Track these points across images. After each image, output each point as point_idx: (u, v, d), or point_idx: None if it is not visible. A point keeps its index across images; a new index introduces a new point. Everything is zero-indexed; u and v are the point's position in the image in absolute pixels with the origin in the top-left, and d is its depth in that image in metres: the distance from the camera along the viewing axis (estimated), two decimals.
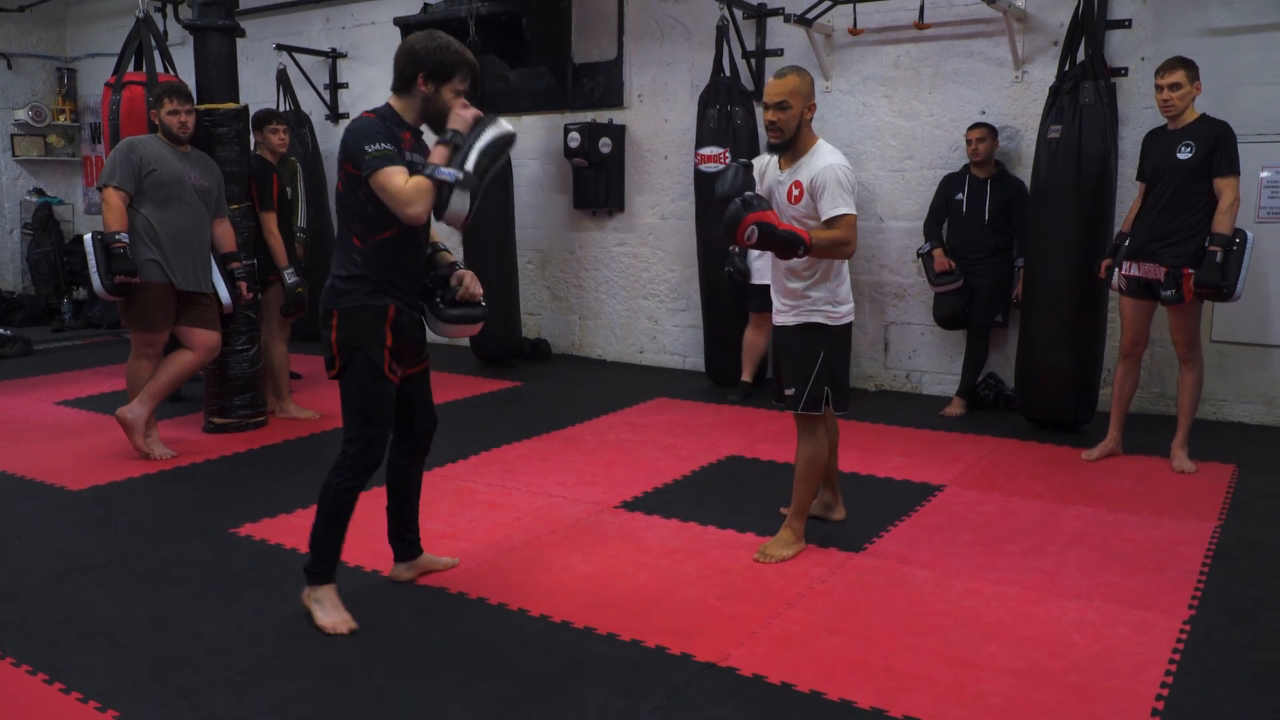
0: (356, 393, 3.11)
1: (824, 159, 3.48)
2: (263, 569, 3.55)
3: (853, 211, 3.43)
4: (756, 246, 3.33)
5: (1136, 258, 4.71)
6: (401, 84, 3.09)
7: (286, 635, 3.06)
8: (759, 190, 3.57)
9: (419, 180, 2.93)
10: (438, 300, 3.25)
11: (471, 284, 3.26)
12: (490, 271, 7.22)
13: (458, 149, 2.98)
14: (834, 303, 3.57)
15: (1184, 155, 4.54)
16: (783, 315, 3.66)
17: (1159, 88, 4.58)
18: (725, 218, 3.33)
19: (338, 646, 2.97)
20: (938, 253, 5.92)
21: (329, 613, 3.10)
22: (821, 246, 3.38)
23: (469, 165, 2.95)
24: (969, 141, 5.84)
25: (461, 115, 3.02)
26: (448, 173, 2.93)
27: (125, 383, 5.03)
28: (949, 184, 5.98)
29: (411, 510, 3.44)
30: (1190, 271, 4.50)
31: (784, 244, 3.32)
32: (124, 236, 4.69)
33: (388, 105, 3.12)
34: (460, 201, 2.95)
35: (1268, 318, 5.24)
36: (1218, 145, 4.49)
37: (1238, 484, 4.56)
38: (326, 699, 2.68)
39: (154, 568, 3.55)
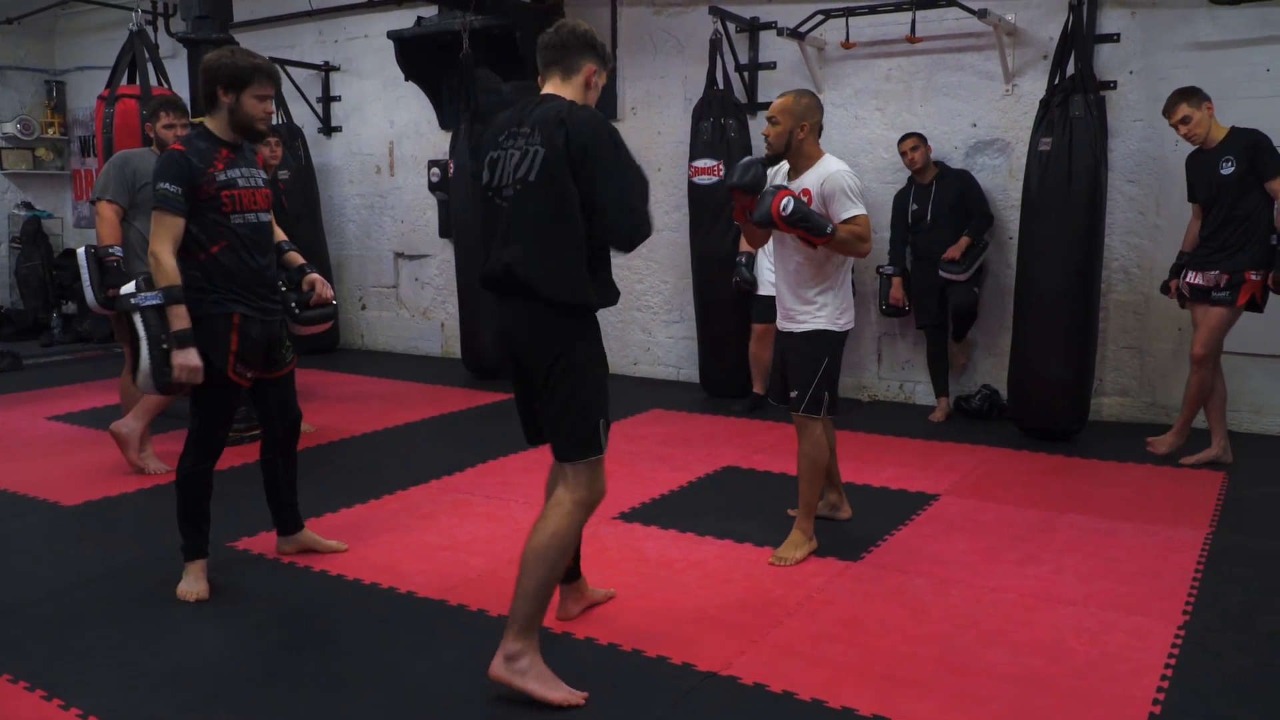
0: (203, 390, 3.36)
1: (832, 166, 3.68)
2: (262, 583, 3.55)
3: (865, 213, 3.64)
4: (788, 221, 3.45)
5: (1200, 267, 4.83)
6: (208, 102, 3.37)
7: (288, 650, 3.07)
8: None
9: (165, 257, 3.21)
10: (293, 305, 3.61)
11: (323, 289, 3.67)
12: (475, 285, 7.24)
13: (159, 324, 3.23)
14: (840, 309, 3.74)
15: (1227, 170, 4.66)
16: (790, 323, 3.78)
17: (1174, 127, 4.78)
18: (761, 191, 3.52)
19: (339, 662, 2.97)
20: (896, 281, 6.05)
21: (187, 583, 3.41)
22: (842, 238, 3.55)
23: (145, 331, 3.23)
24: (903, 154, 5.95)
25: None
26: (144, 297, 3.24)
27: (119, 397, 5.02)
28: (900, 199, 6.07)
29: (281, 493, 3.73)
30: (1252, 275, 4.67)
31: (815, 224, 3.47)
32: (118, 250, 4.68)
33: (203, 126, 3.38)
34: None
35: (1250, 328, 5.25)
36: (1255, 152, 4.60)
37: (1227, 491, 4.61)
38: (329, 713, 2.68)
39: (151, 583, 3.54)
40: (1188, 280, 4.89)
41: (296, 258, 3.72)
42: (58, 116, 10.72)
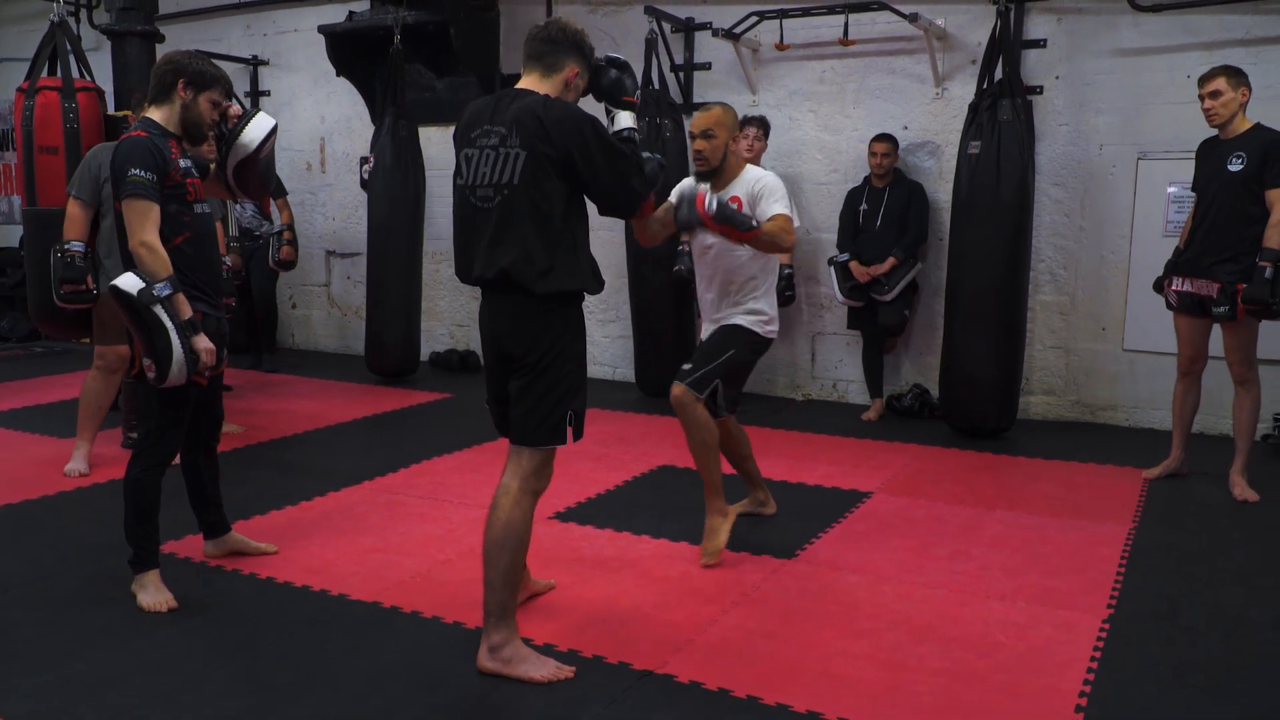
0: (162, 391, 3.28)
1: (758, 173, 3.70)
2: (190, 586, 3.46)
3: (789, 214, 3.62)
4: (716, 219, 3.29)
5: (1188, 273, 4.50)
6: (160, 91, 3.30)
7: (220, 653, 3.00)
8: None
9: (159, 245, 3.12)
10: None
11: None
12: (393, 285, 7.10)
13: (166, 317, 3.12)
14: (770, 316, 3.78)
15: (1235, 167, 4.31)
16: (716, 325, 3.81)
17: (1200, 98, 4.40)
18: (685, 191, 3.44)
19: (271, 666, 2.92)
20: (854, 264, 6.08)
21: (150, 594, 3.28)
22: (767, 234, 3.48)
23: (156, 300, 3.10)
24: (874, 154, 6.01)
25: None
26: (160, 288, 3.11)
27: (79, 395, 4.85)
28: (853, 197, 6.15)
29: (207, 495, 3.66)
30: (1243, 286, 4.27)
31: (740, 221, 3.33)
32: (77, 245, 4.57)
33: (148, 118, 3.30)
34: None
35: (1166, 327, 5.41)
36: (1269, 156, 4.25)
37: (1149, 488, 4.73)
38: (264, 717, 2.63)
39: (77, 587, 3.45)
40: (1174, 288, 4.57)
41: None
42: None
